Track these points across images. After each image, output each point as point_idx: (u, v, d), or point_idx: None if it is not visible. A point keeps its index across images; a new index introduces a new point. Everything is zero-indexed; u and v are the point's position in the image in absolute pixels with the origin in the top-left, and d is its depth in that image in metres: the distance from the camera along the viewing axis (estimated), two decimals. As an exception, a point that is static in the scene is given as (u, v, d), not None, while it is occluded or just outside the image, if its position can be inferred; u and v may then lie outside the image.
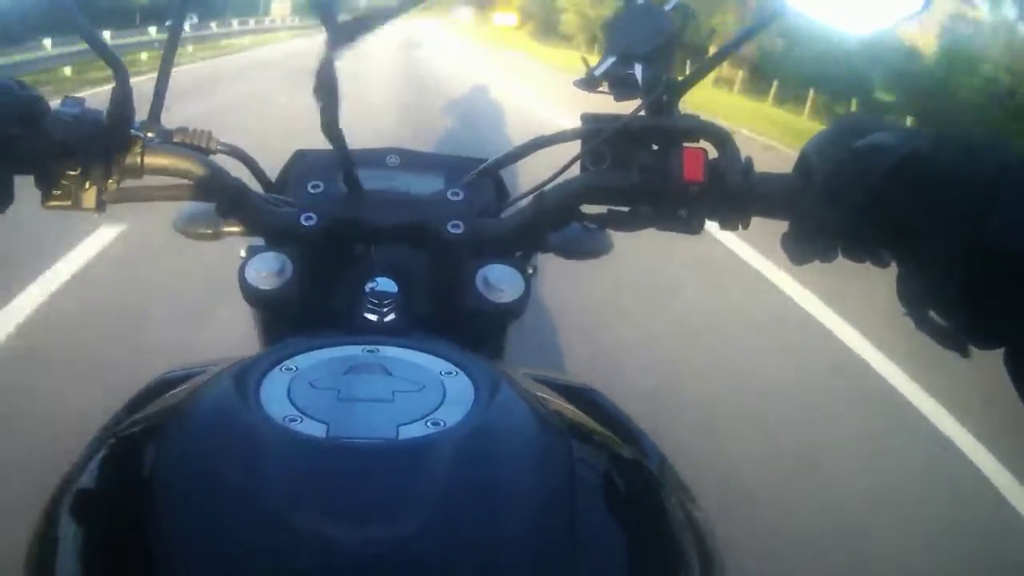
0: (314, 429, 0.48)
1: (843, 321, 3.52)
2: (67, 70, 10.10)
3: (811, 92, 13.35)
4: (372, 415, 0.50)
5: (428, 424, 0.49)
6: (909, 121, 8.07)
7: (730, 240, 4.20)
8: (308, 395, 0.51)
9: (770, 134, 9.86)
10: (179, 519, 0.44)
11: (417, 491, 0.44)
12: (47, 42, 9.82)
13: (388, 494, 0.44)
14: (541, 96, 11.05)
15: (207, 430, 0.50)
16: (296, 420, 0.48)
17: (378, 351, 0.57)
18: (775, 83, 14.53)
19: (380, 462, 0.46)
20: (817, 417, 2.67)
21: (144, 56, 11.34)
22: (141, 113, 0.71)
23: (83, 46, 0.67)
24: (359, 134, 0.78)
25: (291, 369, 0.54)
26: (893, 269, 0.54)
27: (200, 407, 0.52)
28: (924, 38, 14.81)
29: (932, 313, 0.51)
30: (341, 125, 0.63)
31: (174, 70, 0.73)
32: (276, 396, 0.51)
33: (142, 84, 0.69)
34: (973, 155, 0.50)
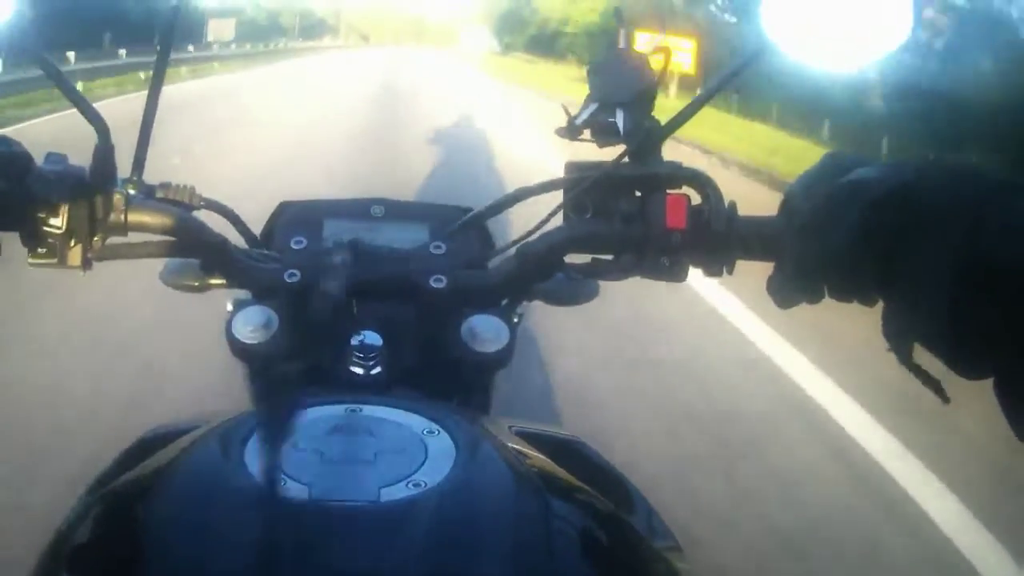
0: (297, 492, 0.48)
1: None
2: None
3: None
4: (354, 477, 0.50)
5: (409, 486, 0.49)
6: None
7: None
8: (291, 456, 0.51)
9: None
10: None
11: (399, 554, 0.45)
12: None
13: (370, 557, 0.45)
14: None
15: (193, 492, 0.50)
16: (279, 483, 0.48)
17: (361, 411, 0.58)
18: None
19: (362, 525, 0.47)
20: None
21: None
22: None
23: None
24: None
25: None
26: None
27: (186, 468, 0.53)
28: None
29: (918, 347, 0.51)
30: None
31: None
32: (260, 458, 0.51)
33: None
34: (957, 183, 0.50)
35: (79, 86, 0.68)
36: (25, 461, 2.17)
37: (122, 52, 13.04)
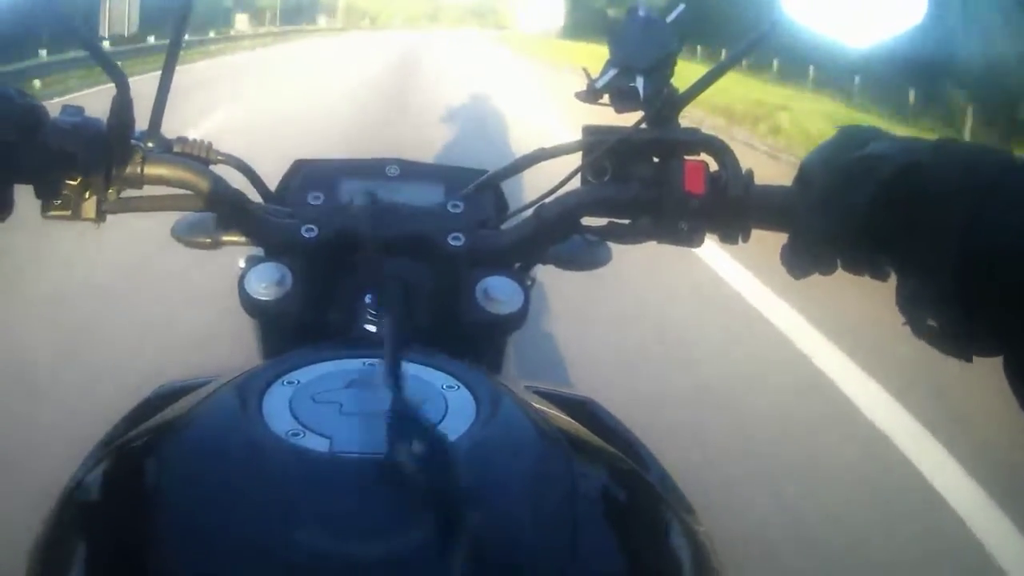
0: (317, 444, 0.48)
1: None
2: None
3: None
4: (374, 429, 0.50)
5: None
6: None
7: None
8: (310, 409, 0.51)
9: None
10: (182, 532, 0.45)
11: (420, 506, 0.44)
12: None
13: (392, 509, 0.44)
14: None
15: (210, 443, 0.50)
16: (299, 435, 0.49)
17: (379, 364, 0.57)
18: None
19: (383, 477, 0.46)
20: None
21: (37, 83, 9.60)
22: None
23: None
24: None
25: (292, 383, 0.54)
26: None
27: (203, 420, 0.52)
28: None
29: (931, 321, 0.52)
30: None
31: None
32: (278, 410, 0.51)
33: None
34: (971, 162, 0.51)
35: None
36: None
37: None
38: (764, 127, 8.87)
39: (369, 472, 0.46)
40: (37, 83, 9.68)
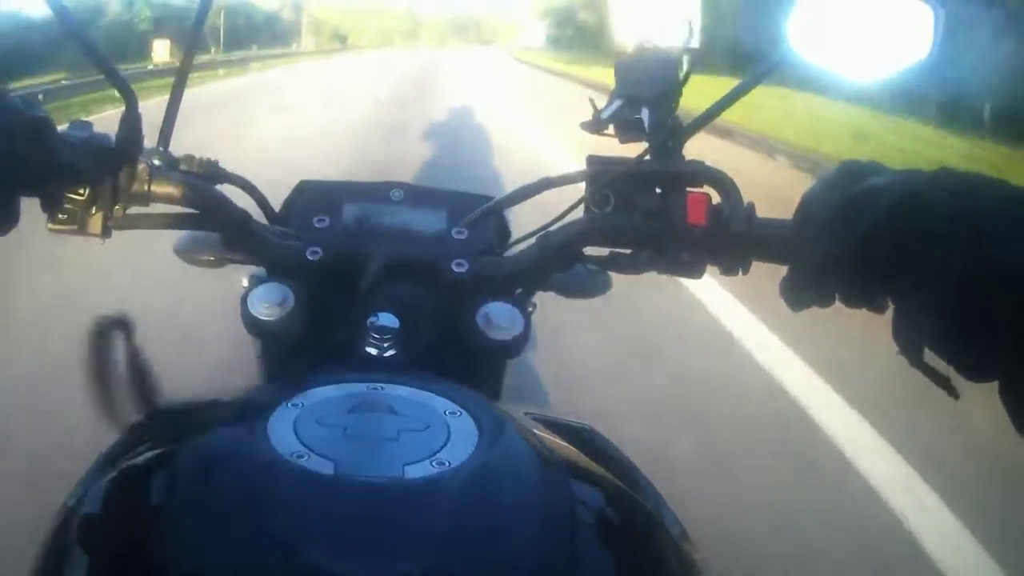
0: (322, 466, 0.48)
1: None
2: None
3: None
4: (378, 453, 0.50)
5: (433, 464, 0.49)
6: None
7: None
8: (315, 432, 0.52)
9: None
10: (188, 552, 0.45)
11: (424, 530, 0.45)
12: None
13: (395, 532, 0.45)
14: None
15: (216, 463, 0.50)
16: (303, 456, 0.49)
17: (383, 389, 0.58)
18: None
19: (388, 500, 0.47)
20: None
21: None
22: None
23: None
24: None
25: (297, 405, 0.55)
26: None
27: (208, 440, 0.53)
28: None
29: (927, 352, 0.52)
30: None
31: None
32: (283, 432, 0.51)
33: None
34: (968, 191, 0.51)
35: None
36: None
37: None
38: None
39: (374, 496, 0.47)
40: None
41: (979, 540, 2.00)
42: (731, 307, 3.37)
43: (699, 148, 0.72)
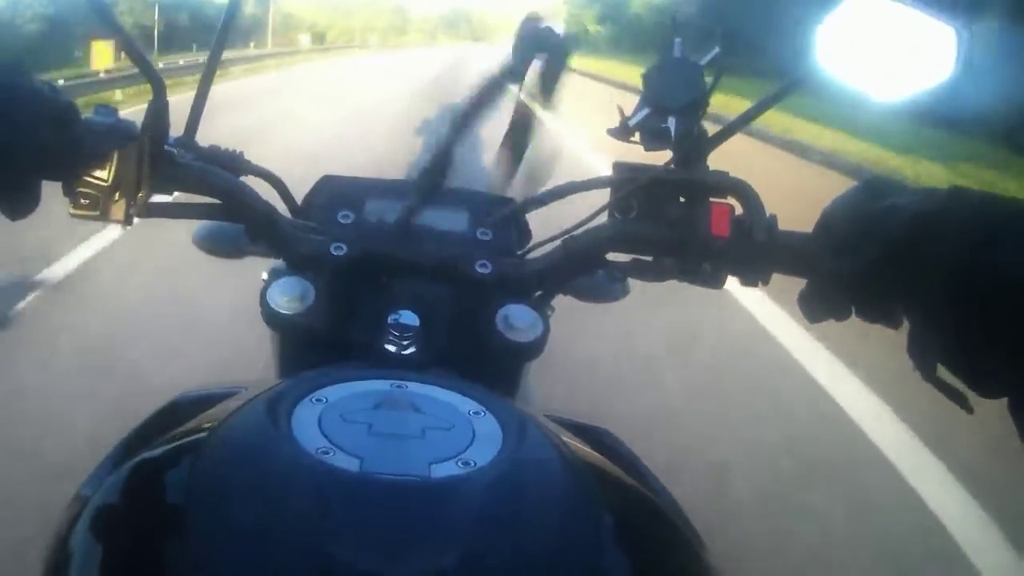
0: (347, 463, 0.48)
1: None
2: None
3: None
4: (404, 452, 0.50)
5: (459, 463, 0.49)
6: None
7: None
8: (340, 428, 0.51)
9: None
10: (211, 545, 0.44)
11: (449, 529, 0.45)
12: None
13: (421, 530, 0.45)
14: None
15: (241, 457, 0.50)
16: (329, 453, 0.49)
17: (406, 387, 0.58)
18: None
19: (414, 499, 0.47)
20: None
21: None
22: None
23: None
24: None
25: (321, 400, 0.54)
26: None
27: (233, 433, 0.52)
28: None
29: (940, 367, 0.53)
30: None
31: None
32: (308, 427, 0.51)
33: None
34: (981, 208, 0.52)
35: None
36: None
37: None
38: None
39: (400, 493, 0.47)
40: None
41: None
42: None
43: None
